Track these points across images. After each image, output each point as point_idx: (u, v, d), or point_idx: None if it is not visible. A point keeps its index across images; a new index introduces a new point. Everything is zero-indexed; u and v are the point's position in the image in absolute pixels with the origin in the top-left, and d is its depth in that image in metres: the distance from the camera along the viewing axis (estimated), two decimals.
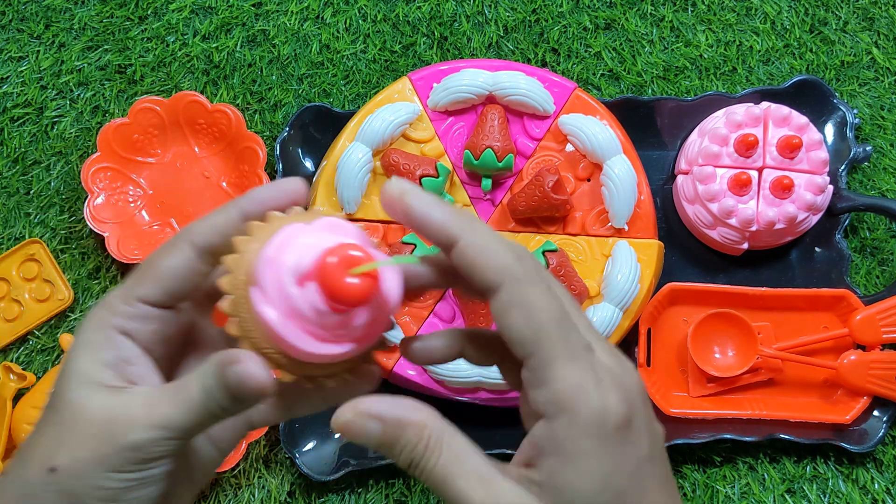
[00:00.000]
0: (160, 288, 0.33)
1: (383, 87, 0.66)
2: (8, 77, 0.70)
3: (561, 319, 0.30)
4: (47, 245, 0.66)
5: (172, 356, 0.35)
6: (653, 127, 0.68)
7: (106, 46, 0.70)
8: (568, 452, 0.29)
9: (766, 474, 0.63)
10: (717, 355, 0.63)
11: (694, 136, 0.66)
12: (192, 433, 0.32)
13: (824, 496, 0.63)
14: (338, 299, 0.29)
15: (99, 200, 0.65)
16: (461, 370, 0.60)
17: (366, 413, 0.30)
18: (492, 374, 0.60)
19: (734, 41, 0.70)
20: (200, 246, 0.33)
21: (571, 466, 0.29)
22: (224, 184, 0.67)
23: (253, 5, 0.71)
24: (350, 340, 0.31)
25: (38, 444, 0.32)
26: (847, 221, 0.66)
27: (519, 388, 0.33)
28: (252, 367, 0.30)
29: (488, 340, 0.35)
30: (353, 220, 0.62)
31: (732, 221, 0.62)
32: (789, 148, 0.62)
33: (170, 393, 0.32)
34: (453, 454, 0.30)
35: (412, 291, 0.33)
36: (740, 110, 0.64)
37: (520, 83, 0.63)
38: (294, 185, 0.33)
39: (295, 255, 0.30)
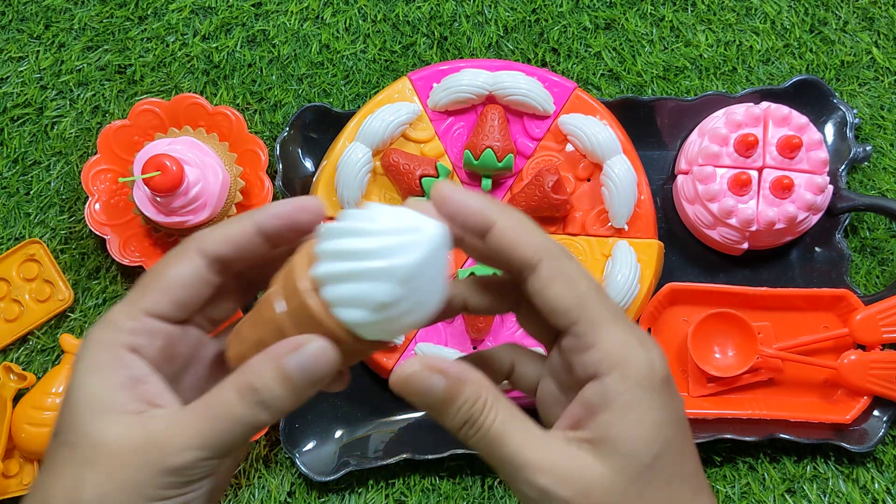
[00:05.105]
0: (168, 299, 0.32)
1: (383, 87, 0.66)
2: (8, 77, 0.70)
3: (598, 289, 0.32)
4: (47, 245, 0.66)
5: (176, 376, 0.33)
6: (653, 127, 0.68)
7: (106, 46, 0.70)
8: (621, 405, 0.30)
9: (766, 474, 0.63)
10: (717, 355, 0.63)
11: (694, 136, 0.66)
12: (230, 450, 0.30)
13: (824, 496, 0.63)
14: None
15: (99, 203, 0.65)
16: None
17: (432, 367, 0.30)
18: None
19: (734, 41, 0.70)
20: (211, 255, 0.32)
21: (625, 417, 0.30)
22: None
23: (253, 5, 0.71)
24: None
25: (55, 485, 0.30)
26: (847, 221, 0.66)
27: (536, 336, 0.35)
28: (322, 344, 0.30)
29: (499, 286, 0.35)
30: None
31: (732, 221, 0.62)
32: (789, 148, 0.62)
33: (202, 409, 0.30)
34: (508, 414, 0.31)
35: (452, 310, 0.34)
36: (740, 110, 0.64)
37: (520, 83, 0.63)
38: (312, 202, 0.32)
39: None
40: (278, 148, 0.66)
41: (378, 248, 0.29)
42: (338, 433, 0.64)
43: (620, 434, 0.30)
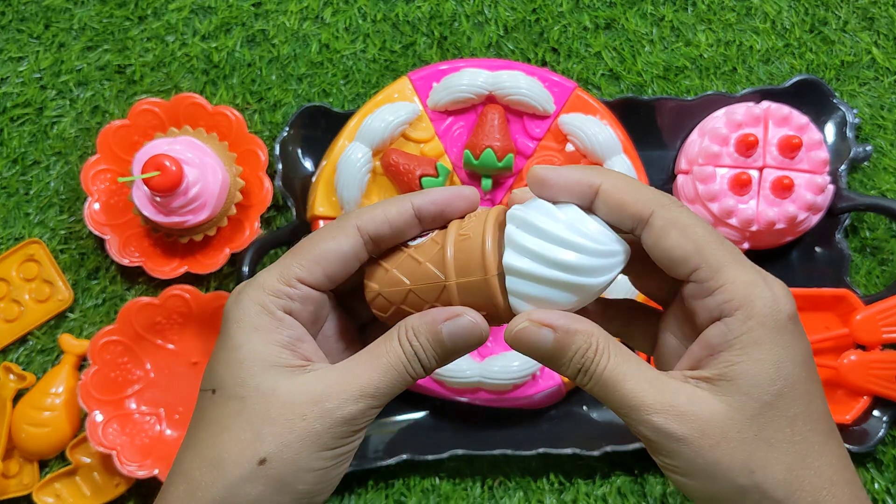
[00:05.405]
0: (323, 270, 0.34)
1: (383, 87, 0.66)
2: (8, 77, 0.70)
3: (713, 232, 0.32)
4: (47, 245, 0.66)
5: (314, 337, 0.36)
6: (653, 127, 0.67)
7: (105, 46, 0.70)
8: (744, 343, 0.30)
9: None
10: None
11: (694, 135, 0.66)
12: (391, 399, 0.33)
13: None
14: None
15: (98, 204, 0.65)
16: (461, 370, 0.60)
17: (539, 321, 0.31)
18: (492, 374, 0.60)
19: (734, 41, 0.70)
20: (370, 233, 0.34)
21: (747, 356, 0.30)
22: None
23: (252, 5, 0.71)
24: None
25: (228, 439, 0.31)
26: (847, 221, 0.66)
27: (651, 294, 0.36)
28: (476, 318, 0.32)
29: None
30: None
31: (733, 221, 0.62)
32: (789, 148, 0.62)
33: (370, 360, 0.32)
34: (621, 358, 0.31)
35: None
36: (740, 110, 0.64)
37: (520, 83, 0.63)
38: (468, 191, 0.35)
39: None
40: (278, 148, 0.66)
41: (578, 265, 0.31)
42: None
43: (741, 372, 0.30)
